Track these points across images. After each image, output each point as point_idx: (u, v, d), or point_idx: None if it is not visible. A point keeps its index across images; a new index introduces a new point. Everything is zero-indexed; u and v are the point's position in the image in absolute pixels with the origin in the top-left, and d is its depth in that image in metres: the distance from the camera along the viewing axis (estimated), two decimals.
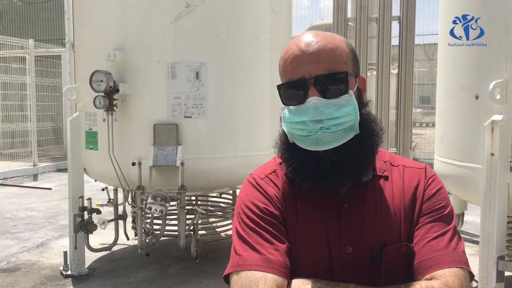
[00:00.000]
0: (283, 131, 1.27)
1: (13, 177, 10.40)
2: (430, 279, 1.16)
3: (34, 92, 11.48)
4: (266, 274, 1.17)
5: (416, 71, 16.16)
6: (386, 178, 1.30)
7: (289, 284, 1.19)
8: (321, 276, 1.20)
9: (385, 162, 1.33)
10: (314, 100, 1.16)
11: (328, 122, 1.16)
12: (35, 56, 11.56)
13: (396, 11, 7.26)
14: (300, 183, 1.22)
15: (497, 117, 3.19)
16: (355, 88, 1.23)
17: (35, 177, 10.71)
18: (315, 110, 1.16)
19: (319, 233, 1.25)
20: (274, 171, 1.34)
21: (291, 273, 1.21)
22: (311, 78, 1.18)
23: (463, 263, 1.19)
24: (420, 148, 13.60)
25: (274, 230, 1.23)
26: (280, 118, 1.27)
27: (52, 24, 14.18)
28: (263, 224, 1.24)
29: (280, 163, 1.33)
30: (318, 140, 1.18)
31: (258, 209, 1.26)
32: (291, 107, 1.21)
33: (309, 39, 1.22)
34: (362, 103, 1.25)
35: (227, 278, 1.24)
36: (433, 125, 4.19)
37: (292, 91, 1.21)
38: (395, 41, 7.38)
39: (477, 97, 3.40)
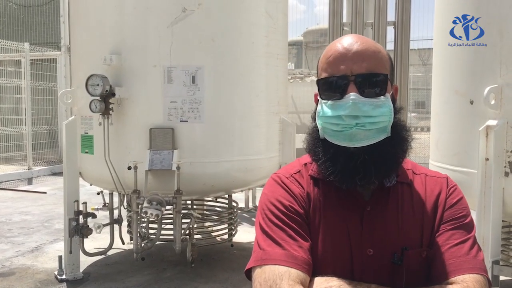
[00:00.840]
0: (314, 127, 1.30)
1: (8, 181, 10.35)
2: (451, 283, 1.19)
3: (29, 96, 11.45)
4: (290, 269, 1.18)
5: (411, 76, 16.23)
6: (409, 185, 1.33)
7: (311, 281, 1.21)
8: (342, 276, 1.21)
9: (407, 169, 1.36)
10: (353, 95, 1.20)
11: (364, 119, 1.19)
12: (30, 60, 11.54)
13: (391, 16, 7.30)
14: (329, 177, 1.24)
15: (492, 122, 3.21)
16: (391, 93, 1.28)
17: (29, 181, 10.67)
18: (353, 106, 1.19)
19: (341, 234, 1.27)
20: (299, 171, 1.37)
21: (313, 272, 1.23)
22: (352, 75, 1.22)
23: (483, 270, 1.22)
24: (415, 153, 13.64)
25: (298, 228, 1.26)
26: (313, 115, 1.31)
27: (47, 28, 14.16)
28: (287, 220, 1.26)
29: (305, 164, 1.37)
30: (351, 136, 1.21)
31: (283, 206, 1.28)
32: (328, 102, 1.24)
33: (353, 40, 1.27)
34: (395, 108, 1.28)
35: (248, 273, 1.26)
36: (428, 129, 4.21)
37: (332, 86, 1.24)
38: (390, 46, 7.42)
39: (471, 102, 3.42)
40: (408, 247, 1.25)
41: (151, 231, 4.65)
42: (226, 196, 5.28)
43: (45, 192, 9.17)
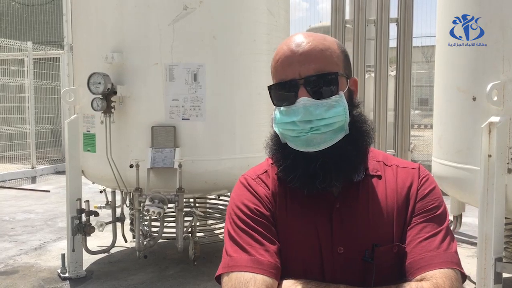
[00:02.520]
0: (275, 132, 1.27)
1: (12, 180, 10.38)
2: (421, 280, 1.16)
3: (33, 95, 11.48)
4: (256, 275, 1.17)
5: (415, 73, 16.20)
6: (379, 177, 1.30)
7: (279, 285, 1.19)
8: (312, 277, 1.20)
9: (378, 162, 1.33)
10: (303, 100, 1.17)
11: (318, 123, 1.17)
12: (33, 59, 11.56)
13: (394, 13, 7.27)
14: (290, 182, 1.23)
15: (495, 119, 3.19)
16: (346, 89, 1.24)
17: (33, 180, 10.70)
18: (305, 111, 1.17)
19: (310, 233, 1.25)
20: (266, 171, 1.34)
21: (282, 274, 1.21)
22: (301, 78, 1.19)
23: (454, 263, 1.19)
24: (418, 150, 13.61)
25: (265, 231, 1.24)
26: (271, 119, 1.28)
27: (50, 27, 14.19)
28: (253, 224, 1.24)
29: (272, 164, 1.34)
30: (308, 141, 1.18)
31: (249, 210, 1.26)
32: (281, 108, 1.22)
33: (299, 40, 1.22)
34: (353, 104, 1.26)
35: (219, 279, 1.25)
36: (432, 126, 4.20)
37: (283, 92, 1.22)
38: (393, 43, 7.40)
39: (474, 99, 3.40)
40: (379, 244, 1.22)
41: (153, 229, 4.66)
42: (229, 193, 5.28)
43: (48, 191, 9.20)
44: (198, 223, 4.87)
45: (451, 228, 4.65)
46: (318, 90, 1.19)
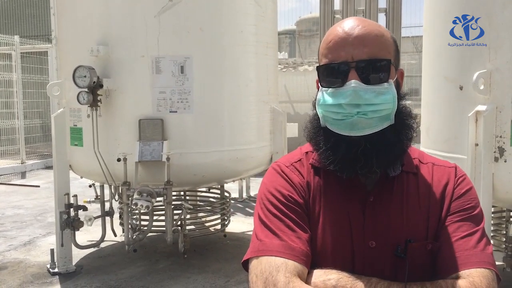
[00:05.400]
0: (315, 115, 1.25)
1: (1, 175, 10.30)
2: (457, 278, 1.14)
3: (21, 89, 11.36)
4: (287, 261, 1.15)
5: (405, 64, 16.19)
6: (415, 174, 1.28)
7: (309, 273, 1.17)
8: (342, 269, 1.17)
9: (414, 158, 1.31)
10: (354, 83, 1.14)
11: (366, 108, 1.14)
12: (21, 53, 11.43)
13: (382, 3, 7.25)
14: (329, 165, 1.20)
15: (481, 108, 3.20)
16: (395, 79, 1.22)
17: (23, 175, 10.63)
18: (354, 94, 1.14)
19: (342, 225, 1.23)
20: (300, 160, 1.33)
21: (312, 263, 1.19)
22: (353, 62, 1.16)
23: (491, 264, 1.17)
24: None
25: (297, 218, 1.22)
26: (313, 102, 1.25)
27: (38, 20, 14.03)
28: (286, 211, 1.22)
29: (306, 153, 1.33)
30: (353, 125, 1.16)
31: (282, 196, 1.24)
32: (329, 89, 1.19)
33: (354, 23, 1.20)
34: (399, 95, 1.23)
35: (246, 264, 1.22)
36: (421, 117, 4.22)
37: (333, 73, 1.19)
38: None
39: (461, 88, 3.40)
40: (412, 240, 1.20)
41: (143, 222, 4.64)
42: (219, 186, 5.26)
43: (38, 186, 9.14)
44: (188, 216, 4.85)
45: None
46: (369, 75, 1.16)
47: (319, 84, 1.24)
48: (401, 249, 1.19)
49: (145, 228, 4.44)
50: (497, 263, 3.89)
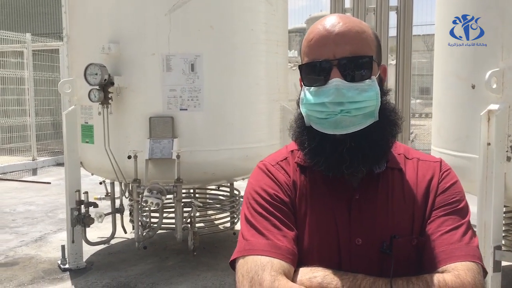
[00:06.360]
0: (299, 114, 1.25)
1: (13, 172, 10.40)
2: (443, 272, 1.14)
3: (32, 87, 11.45)
4: (273, 260, 1.15)
5: (416, 62, 16.10)
6: (400, 170, 1.28)
7: (295, 272, 1.17)
8: (328, 266, 1.17)
9: (399, 154, 1.31)
10: (336, 81, 1.14)
11: (349, 106, 1.14)
12: (32, 50, 11.51)
13: (393, 1, 7.20)
14: (314, 166, 1.20)
15: (494, 107, 3.17)
16: (377, 75, 1.22)
17: (34, 172, 10.72)
18: (337, 92, 1.14)
19: (328, 223, 1.23)
20: (286, 158, 1.32)
21: (298, 262, 1.19)
22: (335, 59, 1.16)
23: (476, 257, 1.17)
24: (419, 139, 13.58)
25: (283, 217, 1.22)
26: (297, 101, 1.25)
27: (49, 18, 14.13)
28: (272, 210, 1.22)
29: (292, 151, 1.33)
30: (337, 123, 1.16)
31: (268, 195, 1.24)
32: (311, 88, 1.19)
33: (335, 21, 1.20)
34: (382, 91, 1.23)
35: (233, 264, 1.23)
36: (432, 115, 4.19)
37: (315, 71, 1.18)
38: (392, 32, 7.32)
39: (473, 87, 3.38)
40: (397, 235, 1.20)
41: (153, 220, 4.66)
42: (228, 184, 5.27)
43: (49, 183, 9.21)
44: (198, 214, 4.86)
45: None
46: (351, 72, 1.16)
47: (301, 83, 1.24)
48: (386, 245, 1.20)
49: (155, 225, 4.46)
50: (509, 263, 3.85)
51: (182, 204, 4.36)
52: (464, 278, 1.11)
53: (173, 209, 4.61)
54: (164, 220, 4.57)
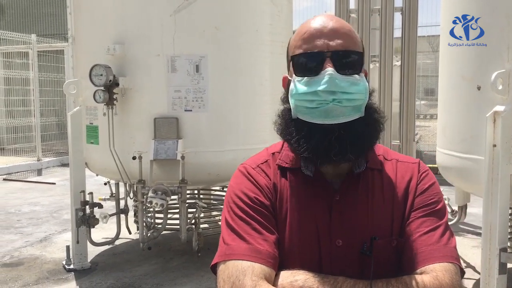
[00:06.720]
0: (284, 109, 1.27)
1: (17, 172, 10.43)
2: (421, 273, 1.15)
3: (37, 87, 11.49)
4: (254, 264, 1.15)
5: (421, 63, 16.04)
6: (379, 171, 1.29)
7: (277, 275, 1.17)
8: (310, 269, 1.18)
9: (379, 155, 1.32)
10: (330, 70, 1.16)
11: (341, 95, 1.16)
12: (38, 51, 11.56)
13: (398, 2, 7.18)
14: (303, 153, 1.20)
15: (499, 108, 3.15)
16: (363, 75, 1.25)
17: (39, 172, 10.75)
18: (330, 81, 1.16)
19: (309, 225, 1.23)
20: (266, 161, 1.32)
21: (280, 265, 1.19)
22: (328, 51, 1.19)
23: (454, 258, 1.18)
24: (424, 141, 13.53)
25: (264, 220, 1.22)
26: (282, 97, 1.28)
27: (54, 19, 14.18)
28: (252, 213, 1.22)
29: (273, 154, 1.33)
30: (327, 112, 1.17)
31: (248, 199, 1.24)
32: (304, 78, 1.20)
33: (326, 19, 1.25)
34: (368, 91, 1.25)
35: (214, 268, 1.22)
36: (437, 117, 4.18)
37: (308, 62, 1.21)
38: (397, 33, 7.31)
39: (479, 88, 3.37)
40: (377, 237, 1.20)
41: (157, 220, 4.66)
42: None
43: (54, 183, 9.23)
44: (202, 215, 4.87)
45: (456, 219, 4.62)
46: (343, 65, 1.19)
47: (292, 75, 1.25)
48: (367, 246, 1.20)
49: (160, 226, 4.46)
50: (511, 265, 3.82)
51: (187, 205, 4.37)
52: (442, 279, 1.13)
53: (177, 210, 4.62)
54: (169, 221, 4.58)
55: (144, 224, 4.37)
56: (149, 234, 4.39)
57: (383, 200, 1.25)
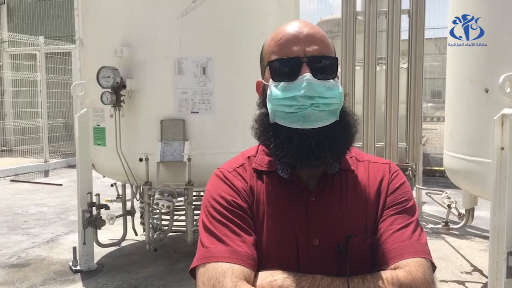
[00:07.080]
0: (261, 113, 1.29)
1: (25, 173, 10.49)
2: (395, 268, 1.19)
3: (45, 89, 11.57)
4: (233, 266, 1.16)
5: (428, 66, 15.97)
6: (352, 172, 1.33)
7: (256, 276, 1.19)
8: (288, 269, 1.20)
9: (351, 157, 1.36)
10: (308, 76, 1.19)
11: (319, 100, 1.19)
12: (45, 53, 11.63)
13: (405, 4, 7.17)
14: (282, 158, 1.22)
15: (507, 111, 3.13)
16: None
17: (46, 173, 10.80)
18: (308, 86, 1.18)
19: (286, 226, 1.26)
20: (242, 164, 1.35)
21: (258, 266, 1.21)
22: (305, 57, 1.21)
23: (426, 253, 1.23)
24: (431, 143, 13.48)
25: (242, 223, 1.24)
26: (258, 102, 1.31)
27: (62, 21, 14.26)
28: (230, 216, 1.24)
29: (249, 157, 1.36)
30: (306, 117, 1.19)
31: (226, 202, 1.26)
32: (281, 83, 1.22)
33: (301, 24, 1.27)
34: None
35: (193, 272, 1.23)
36: (445, 119, 4.14)
37: (285, 67, 1.22)
38: (404, 35, 7.29)
39: (487, 91, 3.35)
40: (352, 235, 1.24)
41: (164, 222, 4.67)
42: None
43: (61, 184, 9.28)
44: None
45: (463, 222, 4.59)
46: (319, 70, 1.21)
47: (268, 80, 1.26)
48: (342, 245, 1.23)
49: (166, 227, 4.47)
50: None
51: (193, 206, 4.37)
52: (415, 273, 1.17)
53: (184, 212, 4.62)
54: (175, 223, 4.58)
55: (151, 226, 4.38)
56: (155, 236, 4.39)
57: (357, 200, 1.29)
